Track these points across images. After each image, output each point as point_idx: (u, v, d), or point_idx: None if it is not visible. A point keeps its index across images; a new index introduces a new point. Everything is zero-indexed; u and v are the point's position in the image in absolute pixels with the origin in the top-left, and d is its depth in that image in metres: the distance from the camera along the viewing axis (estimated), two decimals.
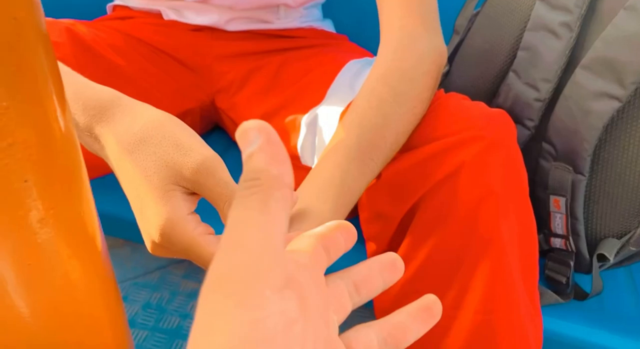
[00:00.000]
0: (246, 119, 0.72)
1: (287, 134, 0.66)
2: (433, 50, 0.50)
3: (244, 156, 0.19)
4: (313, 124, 0.62)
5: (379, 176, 0.51)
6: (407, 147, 0.50)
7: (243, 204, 0.18)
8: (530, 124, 0.60)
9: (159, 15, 0.76)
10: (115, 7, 0.79)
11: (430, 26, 0.52)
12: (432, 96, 0.51)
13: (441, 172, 0.47)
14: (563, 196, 0.58)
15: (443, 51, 0.52)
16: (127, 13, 0.77)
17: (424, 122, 0.50)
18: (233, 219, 0.18)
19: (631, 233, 0.58)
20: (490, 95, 0.67)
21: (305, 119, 0.63)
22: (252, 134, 0.19)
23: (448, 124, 0.49)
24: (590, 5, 0.55)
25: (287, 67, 0.73)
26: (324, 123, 0.60)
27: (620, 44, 0.50)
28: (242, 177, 0.19)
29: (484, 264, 0.47)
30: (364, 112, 0.47)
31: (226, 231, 0.18)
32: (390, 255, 0.27)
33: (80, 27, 0.67)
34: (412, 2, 0.52)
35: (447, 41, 0.76)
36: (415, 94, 0.49)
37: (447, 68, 0.74)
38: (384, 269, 0.26)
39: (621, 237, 0.59)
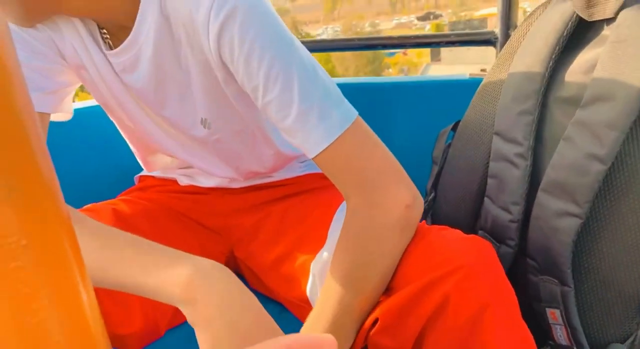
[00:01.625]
0: (261, 266, 0.80)
1: (297, 279, 0.72)
2: (392, 206, 0.56)
3: None
4: (321, 271, 0.69)
5: (377, 320, 0.56)
6: (397, 286, 0.55)
7: None
8: (511, 243, 0.65)
9: (175, 182, 0.88)
10: (142, 177, 0.92)
11: (378, 188, 0.57)
12: (406, 240, 0.57)
13: (429, 308, 0.52)
14: (557, 307, 0.61)
15: (404, 198, 0.57)
16: (150, 182, 0.90)
17: (407, 258, 0.56)
18: None
19: (633, 336, 0.60)
20: (473, 216, 0.73)
21: (313, 265, 0.70)
22: None
23: (429, 259, 0.55)
24: (536, 137, 0.64)
25: (290, 213, 0.82)
26: (327, 269, 0.67)
27: (566, 170, 0.58)
28: None
29: None
30: (339, 282, 0.56)
31: None
32: None
33: (122, 205, 0.79)
34: (353, 175, 0.58)
35: (429, 170, 0.85)
36: (384, 249, 0.56)
37: (432, 195, 0.82)
38: None
39: (625, 341, 0.61)
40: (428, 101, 0.97)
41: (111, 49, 0.65)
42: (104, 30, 0.65)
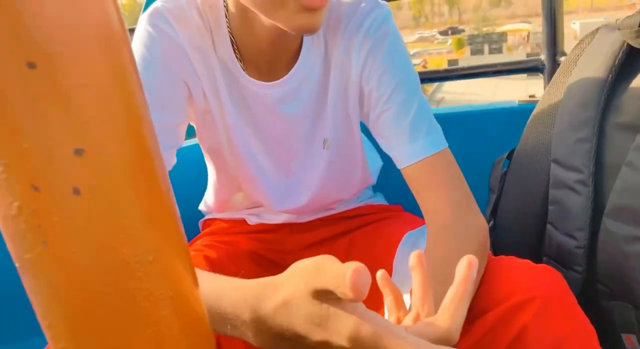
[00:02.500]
0: None
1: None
2: (471, 231, 0.60)
3: None
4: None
5: None
6: (473, 316, 0.57)
7: None
8: (579, 269, 0.66)
9: (243, 221, 0.92)
10: (207, 221, 0.97)
11: (465, 209, 0.62)
12: (483, 262, 0.60)
13: (507, 338, 0.53)
14: (633, 332, 0.61)
15: (480, 227, 0.61)
16: (218, 225, 0.94)
17: (482, 289, 0.58)
18: None
19: None
20: (535, 243, 0.74)
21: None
22: None
23: (503, 289, 0.56)
24: (596, 163, 0.65)
25: (354, 248, 0.85)
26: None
27: (630, 195, 0.58)
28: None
29: None
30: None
31: None
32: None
33: (207, 251, 0.82)
34: (444, 192, 0.64)
35: (486, 199, 0.87)
36: None
37: (491, 223, 0.83)
38: None
39: None
40: (478, 130, 0.99)
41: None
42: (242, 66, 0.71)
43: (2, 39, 0.20)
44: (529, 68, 0.98)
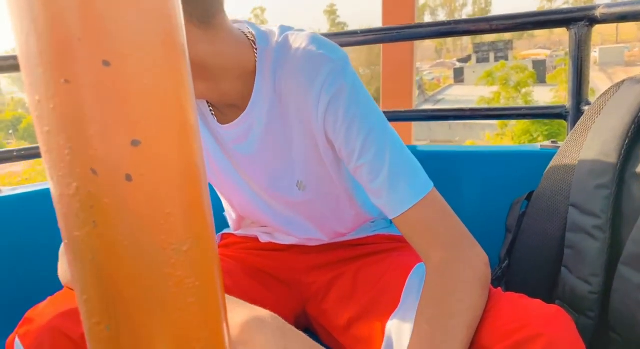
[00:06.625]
0: (334, 324, 0.83)
1: (372, 340, 0.75)
2: (464, 267, 0.60)
3: None
4: (397, 332, 0.71)
5: None
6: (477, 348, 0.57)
7: None
8: (591, 314, 0.66)
9: (256, 238, 0.95)
10: (224, 235, 1.00)
11: (456, 247, 0.62)
12: (485, 297, 0.60)
13: None
14: None
15: (474, 259, 0.61)
16: (232, 239, 0.97)
17: (487, 323, 0.58)
18: None
19: None
20: (549, 285, 0.74)
21: (389, 327, 0.72)
22: None
23: (510, 324, 0.56)
24: (614, 210, 0.65)
25: (363, 273, 0.85)
26: (402, 331, 0.69)
27: None
28: None
29: None
30: (425, 335, 0.58)
31: None
32: None
33: None
34: (432, 235, 0.64)
35: (502, 238, 0.87)
36: (470, 301, 0.59)
37: (506, 262, 0.83)
38: None
39: None
40: (498, 170, 1.00)
41: (218, 122, 0.76)
42: (211, 107, 0.76)
43: (85, 38, 0.23)
44: (553, 114, 1.00)
